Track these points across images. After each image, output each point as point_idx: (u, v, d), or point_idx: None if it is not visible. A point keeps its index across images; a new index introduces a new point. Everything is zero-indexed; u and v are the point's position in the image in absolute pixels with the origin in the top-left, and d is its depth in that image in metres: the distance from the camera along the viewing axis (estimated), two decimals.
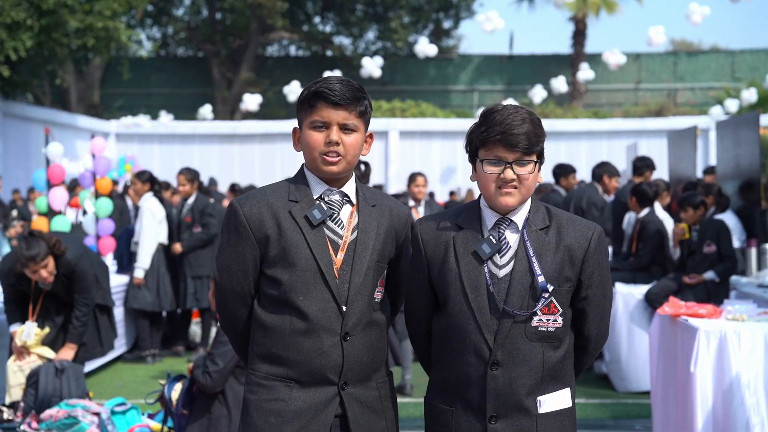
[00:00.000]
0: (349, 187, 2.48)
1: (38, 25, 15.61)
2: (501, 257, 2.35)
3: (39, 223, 7.64)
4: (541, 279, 2.31)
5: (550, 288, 2.31)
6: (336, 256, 2.39)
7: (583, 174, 20.85)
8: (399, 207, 2.57)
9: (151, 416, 5.20)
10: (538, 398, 2.33)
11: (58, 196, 8.03)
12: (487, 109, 2.37)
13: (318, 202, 2.42)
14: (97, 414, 5.01)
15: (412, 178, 7.82)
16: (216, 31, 29.96)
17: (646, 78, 29.95)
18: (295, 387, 2.36)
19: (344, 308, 2.37)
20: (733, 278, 6.88)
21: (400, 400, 6.37)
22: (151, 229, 8.07)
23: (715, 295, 6.34)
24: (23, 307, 5.48)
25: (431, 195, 20.98)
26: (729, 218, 7.82)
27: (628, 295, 6.76)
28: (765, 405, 4.26)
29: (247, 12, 28.21)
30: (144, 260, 8.02)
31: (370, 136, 2.51)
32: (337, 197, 2.44)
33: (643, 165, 8.65)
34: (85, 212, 8.86)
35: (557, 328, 2.34)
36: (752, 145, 8.11)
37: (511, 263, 2.34)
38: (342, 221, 2.43)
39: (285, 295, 2.36)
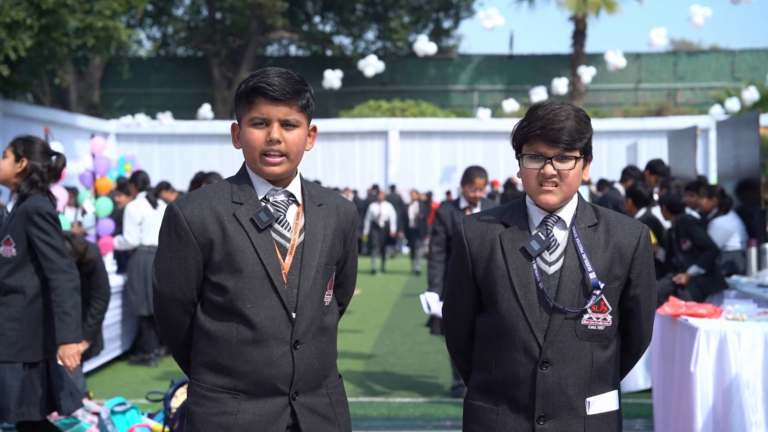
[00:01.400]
0: (294, 186, 2.36)
1: (38, 24, 15.61)
2: (550, 254, 2.31)
3: None
4: (592, 276, 2.27)
5: (601, 285, 2.27)
6: (284, 261, 2.27)
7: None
8: (346, 205, 2.46)
9: (151, 416, 5.20)
10: (587, 399, 2.29)
11: (58, 197, 8.02)
12: (532, 105, 2.34)
13: (264, 203, 2.30)
14: (97, 414, 5.01)
15: (469, 177, 6.22)
16: (216, 31, 29.96)
17: (646, 78, 29.96)
18: (243, 399, 2.24)
19: (294, 315, 2.25)
20: (733, 278, 6.88)
21: (401, 399, 6.37)
22: (127, 230, 8.12)
23: (707, 286, 6.39)
24: None
25: (429, 195, 20.98)
26: (731, 219, 7.83)
27: None
28: (765, 404, 4.26)
29: (247, 12, 28.21)
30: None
31: (314, 129, 2.38)
32: (282, 197, 2.32)
33: (628, 174, 8.64)
34: (84, 212, 8.86)
35: (606, 327, 2.30)
36: (752, 145, 8.11)
37: (561, 260, 2.31)
38: (288, 223, 2.31)
39: (231, 303, 2.24)
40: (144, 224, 8.01)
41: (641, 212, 7.41)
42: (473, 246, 2.38)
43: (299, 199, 2.35)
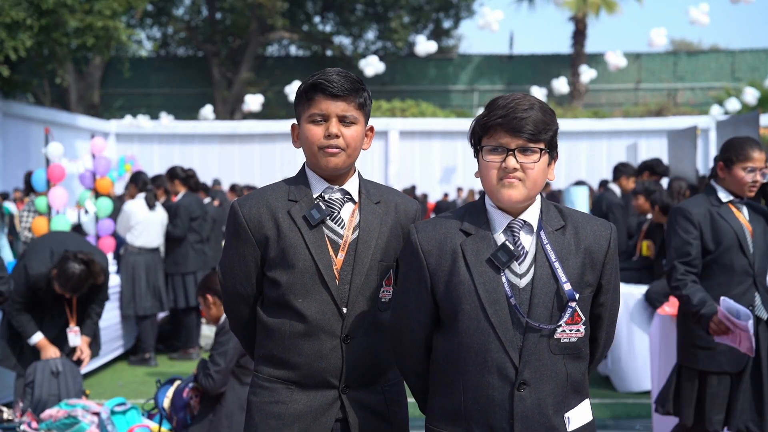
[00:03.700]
0: (351, 184, 2.41)
1: (38, 24, 15.61)
2: (519, 264, 2.11)
3: (39, 223, 7.64)
4: (567, 287, 2.08)
5: (577, 296, 2.09)
6: (336, 257, 2.33)
7: (583, 174, 20.84)
8: (406, 203, 2.49)
9: (150, 416, 5.20)
10: (566, 415, 2.14)
11: (58, 196, 8.02)
12: (493, 98, 2.15)
13: (317, 201, 2.36)
14: (97, 414, 5.01)
15: (744, 152, 4.04)
16: (216, 31, 29.97)
17: (646, 78, 29.96)
18: (295, 390, 2.33)
19: (344, 310, 2.31)
20: None
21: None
22: (120, 229, 8.14)
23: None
24: (34, 317, 5.45)
25: (424, 197, 20.89)
26: None
27: (628, 295, 6.76)
28: None
29: (247, 12, 28.23)
30: None
31: (371, 129, 2.44)
32: (338, 195, 2.38)
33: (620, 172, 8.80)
34: (86, 212, 8.86)
35: (579, 338, 2.13)
36: None
37: (531, 270, 2.10)
38: (343, 220, 2.36)
39: (284, 297, 2.32)
40: (139, 225, 8.00)
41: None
42: (431, 258, 2.15)
43: (355, 197, 2.41)
